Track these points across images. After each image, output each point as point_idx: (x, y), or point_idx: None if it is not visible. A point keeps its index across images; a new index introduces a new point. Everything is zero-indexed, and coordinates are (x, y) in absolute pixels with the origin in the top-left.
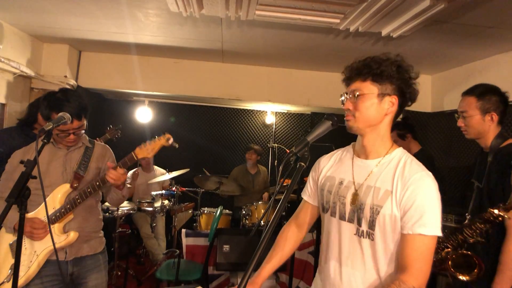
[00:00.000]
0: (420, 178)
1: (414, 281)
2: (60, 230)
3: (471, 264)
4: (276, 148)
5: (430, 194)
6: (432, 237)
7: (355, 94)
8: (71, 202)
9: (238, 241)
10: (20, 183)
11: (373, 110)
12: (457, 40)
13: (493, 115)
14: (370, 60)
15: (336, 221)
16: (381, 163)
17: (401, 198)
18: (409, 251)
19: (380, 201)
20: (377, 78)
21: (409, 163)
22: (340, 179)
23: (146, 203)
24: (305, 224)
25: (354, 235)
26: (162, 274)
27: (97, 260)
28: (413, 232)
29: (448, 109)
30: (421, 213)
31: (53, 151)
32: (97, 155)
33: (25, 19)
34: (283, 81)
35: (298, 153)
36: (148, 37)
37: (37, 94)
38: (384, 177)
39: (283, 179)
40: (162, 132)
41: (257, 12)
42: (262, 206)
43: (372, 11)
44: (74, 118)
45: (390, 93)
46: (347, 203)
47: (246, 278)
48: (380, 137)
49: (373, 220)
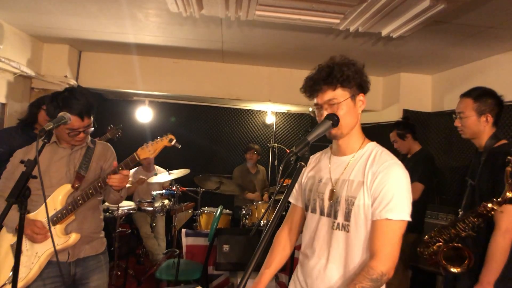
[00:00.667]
0: (388, 166)
1: (382, 266)
2: (61, 232)
3: (462, 256)
4: (276, 148)
5: (397, 181)
6: (399, 222)
7: (332, 103)
8: (72, 203)
9: (238, 241)
10: (20, 183)
11: (351, 114)
12: (457, 40)
13: (488, 116)
14: (329, 69)
15: (317, 217)
16: (355, 157)
17: (371, 186)
18: (378, 236)
19: (354, 192)
20: (345, 83)
21: (379, 154)
22: (319, 177)
23: (146, 202)
24: (296, 227)
25: (330, 229)
26: (162, 274)
27: (98, 261)
28: (380, 218)
29: (448, 109)
30: (389, 199)
31: (56, 151)
32: (98, 154)
33: (26, 19)
34: (283, 81)
35: (299, 153)
36: (148, 37)
37: (38, 94)
38: (357, 169)
39: (283, 179)
40: (164, 133)
41: (257, 12)
42: (262, 205)
43: (372, 12)
44: (85, 116)
45: (357, 92)
46: (325, 199)
47: (246, 278)
48: (355, 135)
49: (348, 211)
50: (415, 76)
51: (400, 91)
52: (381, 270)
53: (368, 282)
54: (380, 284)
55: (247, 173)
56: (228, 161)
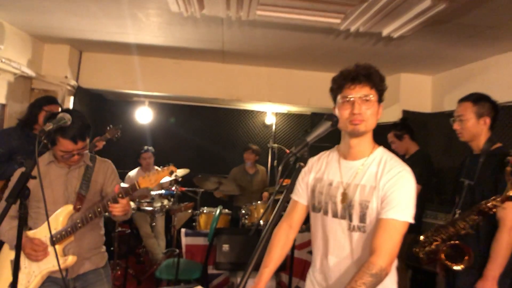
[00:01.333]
0: (398, 172)
1: (381, 261)
2: (59, 253)
3: (461, 253)
4: (276, 149)
5: (406, 187)
6: (403, 223)
7: (367, 99)
8: (72, 226)
9: (238, 241)
10: (19, 183)
11: (374, 116)
12: (458, 41)
13: (486, 119)
14: (370, 69)
15: (328, 219)
16: (366, 163)
17: (382, 190)
18: (380, 233)
19: (367, 197)
20: (378, 87)
21: (389, 160)
22: (329, 181)
23: (146, 202)
24: (298, 224)
25: (347, 230)
26: (161, 274)
27: (98, 275)
28: (386, 217)
29: (449, 109)
30: (397, 201)
31: (54, 170)
32: (98, 171)
33: (26, 19)
34: (283, 81)
35: (298, 153)
36: (148, 37)
37: (38, 95)
38: (368, 175)
39: (283, 179)
40: (167, 163)
41: (258, 12)
42: (261, 205)
43: (373, 11)
44: (78, 139)
45: (380, 100)
46: (338, 202)
47: (246, 278)
48: (369, 139)
49: (363, 214)
50: (415, 76)
51: (400, 92)
52: (380, 265)
53: (369, 278)
54: (380, 280)
55: (244, 174)
56: (228, 162)
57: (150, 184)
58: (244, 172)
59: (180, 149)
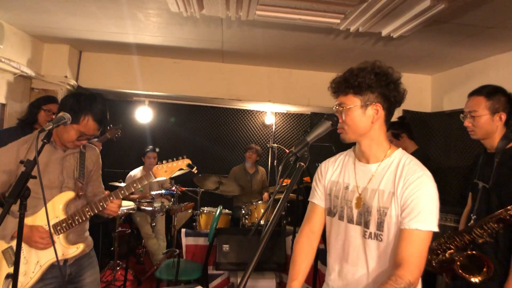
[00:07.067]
0: (418, 177)
1: (410, 275)
2: (65, 241)
3: (478, 264)
4: (276, 148)
5: (427, 193)
6: (428, 232)
7: (341, 108)
8: (74, 220)
9: (238, 241)
10: (20, 183)
11: (358, 121)
12: (457, 40)
13: (502, 115)
14: (348, 74)
15: (344, 224)
16: (381, 166)
17: (401, 196)
18: (406, 245)
19: (385, 203)
20: (357, 90)
21: (407, 164)
22: (345, 184)
23: (146, 202)
24: (320, 228)
25: (362, 237)
26: (162, 274)
27: (90, 257)
28: (409, 227)
29: (448, 109)
30: (419, 210)
31: (51, 152)
32: (89, 158)
33: (26, 19)
34: (283, 81)
35: (298, 153)
36: (148, 37)
37: (37, 94)
38: (386, 179)
39: (283, 179)
40: (182, 156)
41: (258, 12)
42: (261, 205)
43: (373, 11)
44: (102, 124)
45: (372, 102)
46: (353, 207)
47: (246, 278)
48: (375, 142)
49: (381, 221)
50: (415, 76)
51: None
52: (408, 279)
53: None
54: None
55: (244, 173)
56: (228, 161)
57: (165, 175)
58: (244, 171)
59: (180, 149)
